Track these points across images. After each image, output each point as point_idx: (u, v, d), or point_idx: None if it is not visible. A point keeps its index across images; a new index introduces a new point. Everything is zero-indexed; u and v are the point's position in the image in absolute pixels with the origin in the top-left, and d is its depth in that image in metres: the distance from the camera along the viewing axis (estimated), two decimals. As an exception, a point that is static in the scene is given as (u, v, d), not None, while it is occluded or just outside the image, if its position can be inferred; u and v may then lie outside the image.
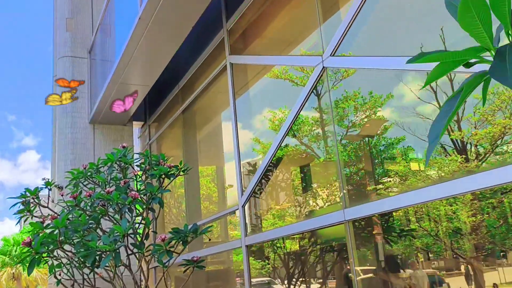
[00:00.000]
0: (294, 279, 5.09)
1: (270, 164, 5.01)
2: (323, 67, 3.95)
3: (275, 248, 5.32)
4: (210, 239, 3.97)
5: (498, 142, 4.29)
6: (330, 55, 3.84)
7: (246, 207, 5.38)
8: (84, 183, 4.36)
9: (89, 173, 4.30)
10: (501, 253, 3.97)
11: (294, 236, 4.89)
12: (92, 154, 8.19)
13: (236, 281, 5.51)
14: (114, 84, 7.09)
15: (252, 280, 5.08)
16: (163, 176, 4.02)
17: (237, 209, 5.37)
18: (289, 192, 5.33)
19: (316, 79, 4.05)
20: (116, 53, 6.90)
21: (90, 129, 8.48)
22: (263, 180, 5.22)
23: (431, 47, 3.34)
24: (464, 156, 4.28)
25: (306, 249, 4.97)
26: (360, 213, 3.50)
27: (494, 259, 3.96)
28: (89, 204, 3.92)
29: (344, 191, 3.81)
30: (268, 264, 5.47)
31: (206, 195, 7.85)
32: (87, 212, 3.88)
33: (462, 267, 3.98)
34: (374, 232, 4.32)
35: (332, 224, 3.81)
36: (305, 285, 4.88)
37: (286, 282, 5.13)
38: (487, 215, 3.95)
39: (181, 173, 4.19)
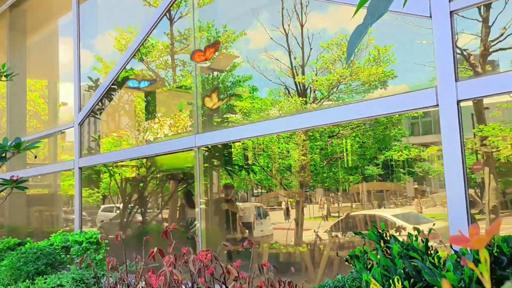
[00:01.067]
0: (137, 205, 4.82)
1: (115, 83, 4.49)
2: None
3: (113, 172, 4.93)
4: (36, 157, 3.40)
5: (334, 89, 4.57)
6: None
7: (83, 126, 4.79)
8: None
9: None
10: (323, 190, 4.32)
11: (137, 161, 4.57)
12: None
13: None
14: None
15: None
16: (-23, 76, 3.24)
17: (72, 127, 4.75)
18: (135, 115, 4.91)
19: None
20: None
21: None
22: (105, 100, 4.68)
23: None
24: (304, 98, 4.44)
25: (150, 175, 4.71)
26: (211, 140, 3.36)
27: (317, 194, 4.27)
28: None
29: (198, 118, 3.61)
30: (106, 189, 5.07)
31: (34, 111, 6.86)
32: None
33: (288, 202, 4.22)
34: (217, 164, 4.28)
35: (183, 149, 3.60)
36: (149, 211, 4.67)
37: (126, 208, 4.84)
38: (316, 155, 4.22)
39: (3, 78, 3.44)
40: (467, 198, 1.83)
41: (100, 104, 4.64)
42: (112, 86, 4.48)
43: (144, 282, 2.82)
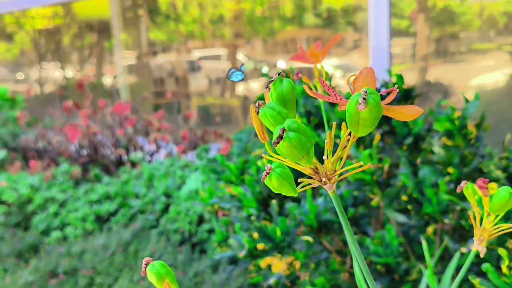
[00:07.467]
0: (48, 62, 4.44)
1: None
2: None
3: (21, 25, 4.39)
4: None
5: None
6: None
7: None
8: None
9: None
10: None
11: (49, 10, 4.07)
12: None
13: None
14: None
15: None
16: None
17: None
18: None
19: None
20: None
21: None
22: None
23: None
24: None
25: (62, 26, 4.25)
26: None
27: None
28: None
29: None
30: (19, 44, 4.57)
31: None
32: None
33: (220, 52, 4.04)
34: (141, 14, 3.92)
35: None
36: (62, 67, 4.32)
37: (39, 65, 4.44)
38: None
39: None
40: (388, 49, 1.75)
41: None
42: None
43: (62, 137, 2.70)
